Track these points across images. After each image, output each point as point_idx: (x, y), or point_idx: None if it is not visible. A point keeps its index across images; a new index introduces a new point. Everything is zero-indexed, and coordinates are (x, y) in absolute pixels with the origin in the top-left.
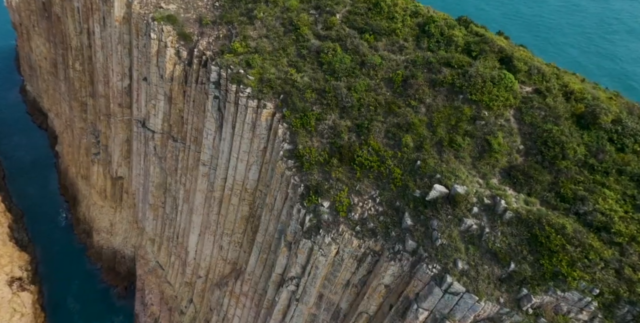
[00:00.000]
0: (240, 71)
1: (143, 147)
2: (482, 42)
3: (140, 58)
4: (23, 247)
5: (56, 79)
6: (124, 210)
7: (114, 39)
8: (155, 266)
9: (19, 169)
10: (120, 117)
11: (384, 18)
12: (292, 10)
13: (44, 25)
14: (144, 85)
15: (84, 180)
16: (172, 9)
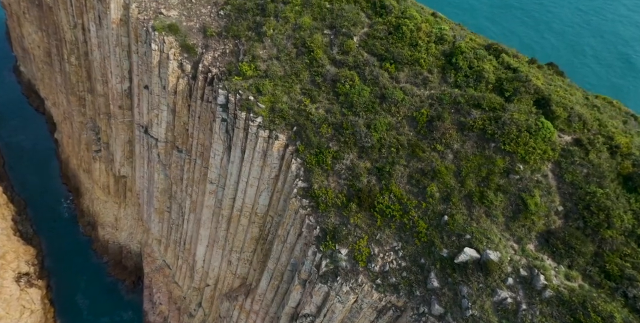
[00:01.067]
0: (250, 98)
1: (146, 153)
2: (515, 80)
3: (141, 65)
4: (28, 240)
5: (51, 69)
6: (128, 207)
7: (111, 41)
8: (163, 265)
9: (19, 156)
10: (121, 118)
11: (406, 45)
12: (304, 29)
13: (35, 13)
14: (145, 93)
15: (86, 174)
16: (173, 16)
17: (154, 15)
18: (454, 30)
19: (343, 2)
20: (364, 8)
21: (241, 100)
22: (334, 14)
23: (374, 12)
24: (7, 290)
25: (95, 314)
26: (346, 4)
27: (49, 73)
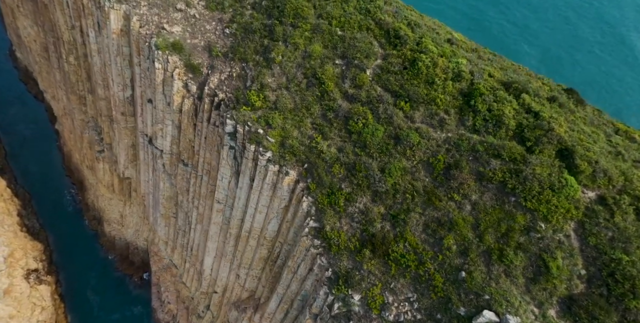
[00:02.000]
0: (259, 131)
1: (151, 162)
2: (537, 128)
3: (143, 78)
4: (35, 234)
5: (49, 64)
6: (134, 206)
7: (111, 51)
8: (170, 264)
9: (20, 146)
10: (124, 124)
11: (421, 82)
12: (314, 57)
13: (30, 7)
14: (149, 106)
15: (90, 171)
16: (176, 32)
17: (156, 30)
18: (471, 61)
19: (355, 29)
20: (377, 36)
21: (250, 132)
22: (345, 43)
23: (388, 41)
24: (18, 288)
25: (106, 310)
26: (358, 31)
27: (47, 67)
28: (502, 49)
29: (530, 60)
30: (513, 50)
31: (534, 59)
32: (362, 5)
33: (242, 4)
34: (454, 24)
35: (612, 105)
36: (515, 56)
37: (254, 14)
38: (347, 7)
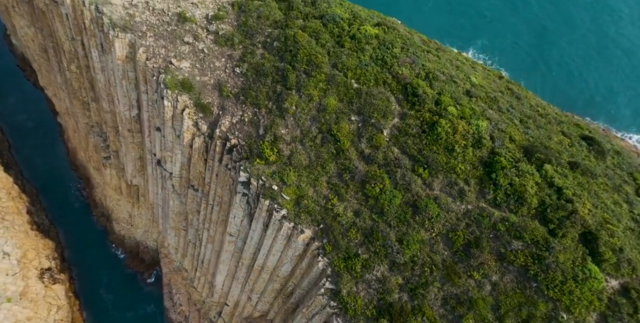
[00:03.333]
0: (273, 187)
1: (159, 180)
2: (561, 209)
3: (151, 107)
4: (45, 232)
5: (49, 64)
6: (142, 208)
7: (117, 74)
8: (180, 267)
9: (24, 138)
10: (131, 140)
11: (441, 148)
12: (329, 111)
13: (26, 8)
14: (157, 134)
15: (96, 172)
16: (184, 68)
17: (164, 63)
18: (491, 120)
19: (371, 83)
20: (394, 90)
21: (264, 187)
22: (361, 99)
23: (405, 98)
24: (33, 290)
25: (120, 308)
26: (374, 84)
27: (47, 67)
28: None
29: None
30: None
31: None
32: (378, 54)
33: (253, 42)
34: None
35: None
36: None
37: (266, 55)
38: (363, 57)
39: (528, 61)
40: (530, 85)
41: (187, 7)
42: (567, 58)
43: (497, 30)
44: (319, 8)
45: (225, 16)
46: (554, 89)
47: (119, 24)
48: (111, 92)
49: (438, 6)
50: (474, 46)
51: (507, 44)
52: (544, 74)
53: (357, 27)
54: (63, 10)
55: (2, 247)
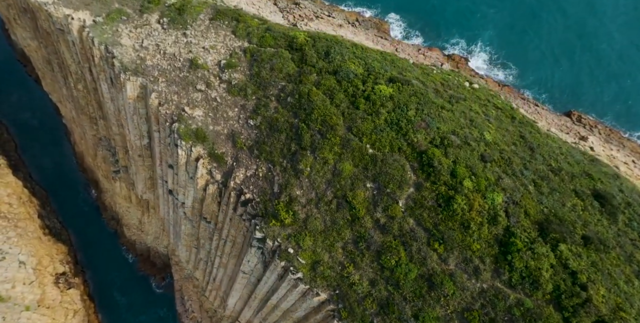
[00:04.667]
0: (289, 250)
1: (171, 205)
2: (575, 296)
3: (164, 146)
4: (57, 235)
5: (53, 75)
6: (152, 217)
7: (127, 110)
8: (191, 275)
9: (29, 137)
10: (141, 163)
11: (456, 224)
12: (344, 176)
13: (29, 23)
14: (170, 171)
15: (105, 179)
16: (197, 117)
17: (177, 111)
18: (505, 190)
19: (386, 149)
20: (409, 158)
21: (280, 249)
22: (377, 166)
23: (420, 166)
24: (49, 296)
25: (133, 312)
26: (389, 151)
27: (51, 76)
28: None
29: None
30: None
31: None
32: (393, 118)
33: (266, 94)
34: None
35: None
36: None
37: (279, 109)
38: (378, 121)
39: (536, 54)
40: (538, 81)
41: (199, 53)
42: (577, 52)
43: (505, 21)
44: (333, 62)
45: (238, 64)
46: (562, 84)
47: (130, 67)
48: (121, 118)
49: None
50: (481, 38)
51: (515, 36)
52: (552, 67)
53: (372, 85)
54: (69, 38)
55: (18, 257)
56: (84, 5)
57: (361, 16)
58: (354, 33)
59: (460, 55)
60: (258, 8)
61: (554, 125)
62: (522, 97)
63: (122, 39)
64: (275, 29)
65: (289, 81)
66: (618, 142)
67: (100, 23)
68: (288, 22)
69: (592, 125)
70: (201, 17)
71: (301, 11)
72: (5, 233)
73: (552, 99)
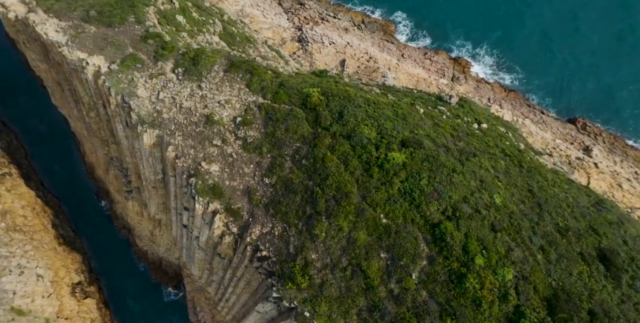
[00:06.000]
0: (305, 313)
1: (185, 235)
2: None
3: (180, 193)
4: (71, 244)
5: (63, 95)
6: (164, 232)
7: (143, 153)
8: (204, 288)
9: (39, 143)
10: (155, 192)
11: (468, 301)
12: (359, 245)
13: (40, 49)
14: (185, 212)
15: (117, 193)
16: (214, 172)
17: (194, 165)
18: (515, 264)
19: (399, 219)
20: (422, 229)
21: (296, 312)
22: (391, 238)
23: (433, 240)
24: (67, 307)
25: (148, 320)
26: (403, 222)
27: (60, 94)
28: None
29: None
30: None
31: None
32: (406, 187)
33: (281, 153)
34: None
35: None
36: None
37: (294, 169)
38: (392, 190)
39: (542, 58)
40: (544, 85)
41: (215, 109)
42: (585, 56)
43: (512, 24)
44: (347, 125)
45: (253, 121)
46: (568, 88)
47: (147, 120)
48: (135, 155)
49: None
50: (488, 40)
51: (521, 39)
52: (558, 71)
53: (385, 152)
54: (83, 77)
55: (36, 270)
56: (99, 50)
57: (367, 17)
58: (360, 38)
59: (467, 59)
60: (263, 9)
61: (559, 136)
62: (528, 104)
63: (138, 89)
64: (288, 85)
65: (304, 143)
66: (622, 151)
67: (115, 71)
68: (293, 25)
69: (597, 133)
70: (215, 69)
71: (306, 12)
72: (22, 247)
73: (557, 103)
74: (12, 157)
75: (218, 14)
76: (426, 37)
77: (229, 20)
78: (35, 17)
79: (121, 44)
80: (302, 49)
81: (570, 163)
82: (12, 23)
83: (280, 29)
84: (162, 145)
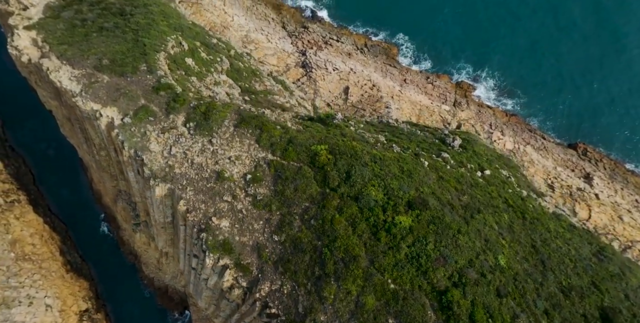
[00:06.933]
0: None
1: (193, 274)
2: None
3: (190, 241)
4: (78, 270)
5: (73, 129)
6: (171, 261)
7: (154, 201)
8: (210, 318)
9: (46, 167)
10: (164, 231)
11: None
12: (367, 309)
13: (51, 89)
14: (195, 259)
15: (124, 222)
16: (224, 228)
17: (204, 219)
18: None
19: (407, 286)
20: (429, 296)
21: None
22: (399, 304)
23: (440, 307)
24: None
25: None
26: (410, 287)
27: (70, 128)
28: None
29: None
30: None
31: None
32: (413, 252)
33: (290, 211)
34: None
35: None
36: None
37: (303, 229)
38: (399, 255)
39: (544, 82)
40: (545, 109)
41: (225, 165)
42: (586, 78)
43: (513, 47)
44: (355, 186)
45: (262, 178)
46: (569, 112)
47: (159, 175)
48: (145, 200)
49: (453, 18)
50: (489, 63)
51: (523, 62)
52: (559, 94)
53: (392, 215)
54: (96, 123)
55: (44, 300)
56: (112, 101)
57: (369, 40)
58: (363, 64)
59: (468, 82)
60: (267, 33)
61: (560, 162)
62: (529, 128)
63: (151, 144)
64: (297, 141)
65: (313, 203)
66: (622, 178)
67: (128, 124)
68: (297, 49)
69: (597, 158)
70: (226, 123)
71: (310, 36)
72: (31, 277)
73: (558, 127)
74: (21, 183)
75: (225, 50)
76: (427, 60)
77: (235, 54)
78: (49, 63)
79: (134, 95)
80: (306, 75)
81: (572, 195)
82: (24, 65)
83: (285, 54)
84: (173, 198)
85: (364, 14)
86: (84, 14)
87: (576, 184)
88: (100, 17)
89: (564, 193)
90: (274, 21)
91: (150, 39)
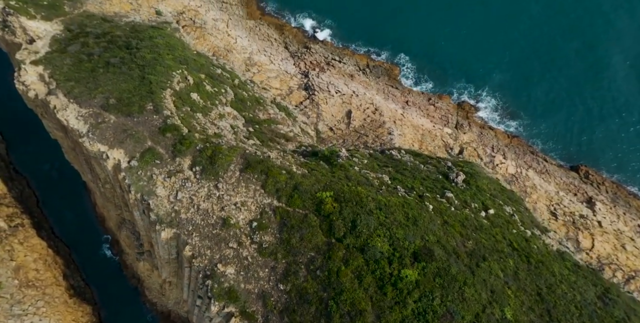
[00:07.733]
0: None
1: (197, 309)
2: None
3: (195, 283)
4: (81, 294)
5: (77, 158)
6: (174, 287)
7: (159, 242)
8: None
9: (50, 189)
10: (168, 266)
11: None
12: None
13: (56, 121)
14: (199, 300)
15: (128, 247)
16: (230, 275)
17: (210, 265)
18: None
19: None
20: None
21: None
22: None
23: None
24: None
25: None
26: None
27: (75, 155)
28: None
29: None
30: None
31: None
32: (419, 308)
33: (296, 260)
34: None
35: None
36: None
37: (309, 279)
38: (405, 311)
39: (547, 102)
40: (547, 130)
41: (231, 212)
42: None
43: (515, 67)
44: (360, 236)
45: (268, 226)
46: (572, 134)
47: (165, 220)
48: (150, 238)
49: (454, 38)
50: (490, 83)
51: (525, 81)
52: (561, 116)
53: (398, 268)
54: (102, 163)
55: None
56: (118, 143)
57: (371, 60)
58: (365, 86)
59: (470, 103)
60: (270, 54)
61: (562, 186)
62: (531, 150)
63: (157, 188)
64: (302, 188)
65: (318, 253)
66: (624, 202)
67: (135, 167)
68: (300, 71)
69: (599, 182)
70: (232, 168)
71: (312, 57)
72: (34, 304)
73: (560, 149)
74: (25, 206)
75: (229, 80)
76: (429, 81)
77: (240, 83)
78: (56, 101)
79: (140, 137)
80: (308, 98)
81: (575, 223)
82: (31, 100)
83: (287, 76)
84: (179, 241)
85: (366, 34)
86: (90, 47)
87: (579, 210)
88: (106, 51)
89: (567, 221)
90: (276, 42)
91: (156, 75)
